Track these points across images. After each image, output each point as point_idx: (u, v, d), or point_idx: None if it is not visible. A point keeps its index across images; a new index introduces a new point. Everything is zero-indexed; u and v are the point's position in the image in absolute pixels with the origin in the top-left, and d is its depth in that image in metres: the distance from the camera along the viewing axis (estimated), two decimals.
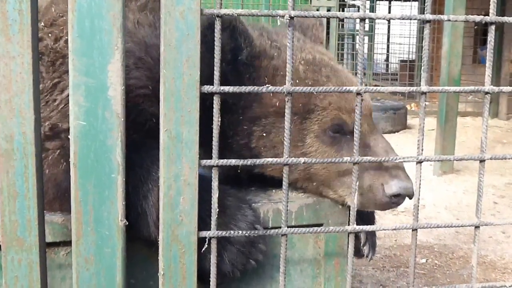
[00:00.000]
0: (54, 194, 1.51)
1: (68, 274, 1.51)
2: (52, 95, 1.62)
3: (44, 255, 1.29)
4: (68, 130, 1.50)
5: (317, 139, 1.67)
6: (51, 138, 1.54)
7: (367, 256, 1.83)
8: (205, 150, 1.31)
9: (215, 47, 1.22)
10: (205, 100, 1.28)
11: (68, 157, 1.24)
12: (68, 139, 1.24)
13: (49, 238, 1.44)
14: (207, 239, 1.29)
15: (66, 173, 1.43)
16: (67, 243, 1.48)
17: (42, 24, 1.69)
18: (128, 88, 1.22)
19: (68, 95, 1.58)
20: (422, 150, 1.36)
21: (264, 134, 1.65)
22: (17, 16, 1.16)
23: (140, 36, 1.67)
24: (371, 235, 1.85)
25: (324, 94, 1.67)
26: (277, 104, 1.64)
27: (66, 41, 1.65)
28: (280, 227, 1.33)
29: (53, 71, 1.65)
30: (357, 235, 1.79)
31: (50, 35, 1.69)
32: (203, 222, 1.30)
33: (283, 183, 1.29)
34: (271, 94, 1.63)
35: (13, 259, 1.24)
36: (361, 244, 1.80)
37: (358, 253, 1.81)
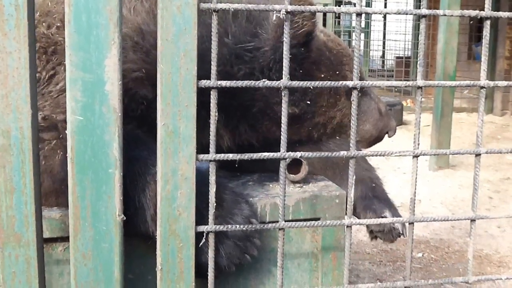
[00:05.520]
0: (50, 187, 1.50)
1: (66, 269, 1.51)
2: (48, 87, 1.62)
3: (42, 251, 1.28)
4: (64, 121, 1.50)
5: (347, 98, 1.99)
6: (46, 129, 1.54)
7: (402, 234, 1.75)
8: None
9: (212, 41, 1.21)
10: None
11: (65, 148, 1.24)
12: (65, 129, 1.24)
13: (46, 234, 1.44)
14: (204, 234, 1.29)
15: (62, 164, 1.43)
16: (65, 238, 1.48)
17: (38, 14, 1.71)
18: (122, 73, 1.22)
19: (62, 87, 1.59)
20: (419, 144, 1.37)
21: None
22: (13, 11, 1.15)
23: (136, 23, 1.69)
24: (395, 212, 1.80)
25: (352, 60, 2.00)
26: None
27: (58, 28, 1.68)
28: (278, 221, 1.33)
29: (46, 60, 1.65)
30: (382, 216, 1.74)
31: (44, 23, 1.71)
32: (200, 214, 1.30)
33: (280, 177, 1.30)
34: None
35: (10, 254, 1.24)
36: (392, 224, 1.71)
37: (389, 234, 1.75)
